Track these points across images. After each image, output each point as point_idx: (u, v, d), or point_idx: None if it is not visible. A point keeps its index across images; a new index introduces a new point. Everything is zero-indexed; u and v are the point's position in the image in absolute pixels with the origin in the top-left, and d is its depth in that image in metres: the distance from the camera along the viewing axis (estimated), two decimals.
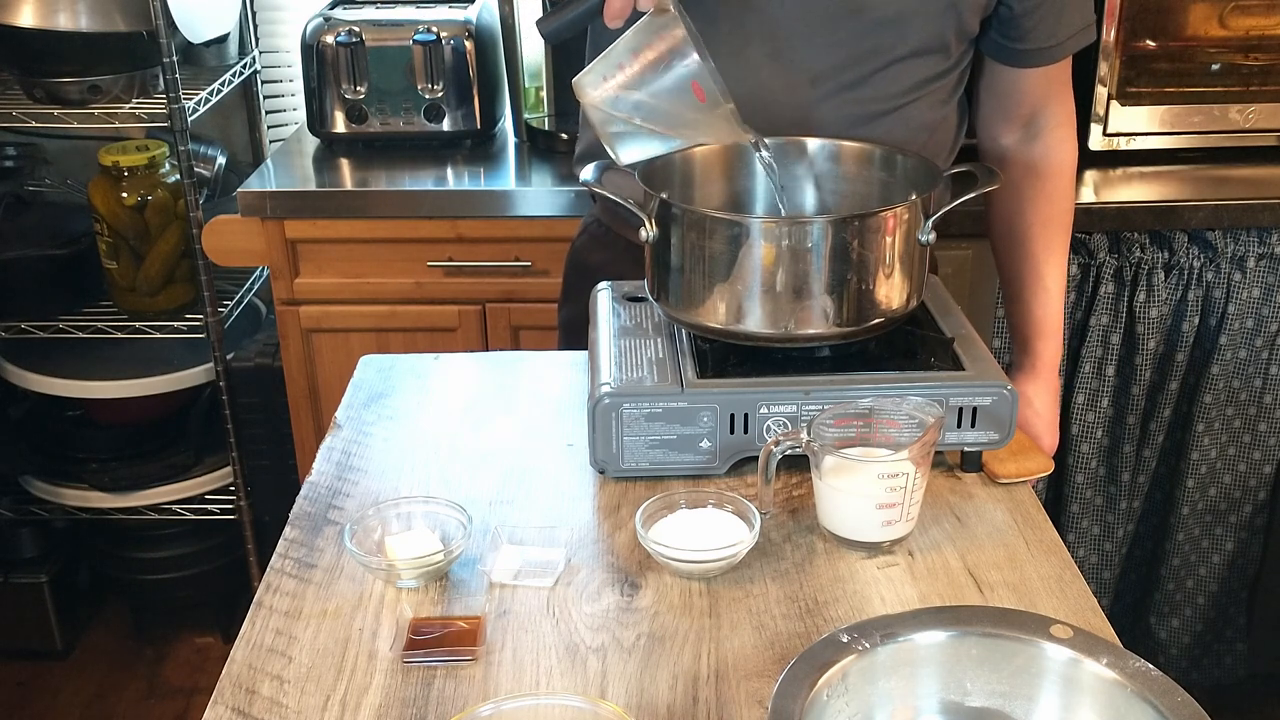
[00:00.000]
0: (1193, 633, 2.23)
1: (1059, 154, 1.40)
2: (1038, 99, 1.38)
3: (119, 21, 2.10)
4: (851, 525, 1.03)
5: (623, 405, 1.09)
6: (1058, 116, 1.40)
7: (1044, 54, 1.34)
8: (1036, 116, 1.39)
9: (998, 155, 1.43)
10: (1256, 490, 2.13)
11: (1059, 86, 1.39)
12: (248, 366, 2.23)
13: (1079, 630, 0.77)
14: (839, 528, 1.04)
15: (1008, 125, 1.41)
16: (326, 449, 1.20)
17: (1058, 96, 1.39)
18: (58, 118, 2.15)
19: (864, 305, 1.12)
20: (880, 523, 1.02)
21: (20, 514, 2.42)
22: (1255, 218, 1.96)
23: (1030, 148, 1.40)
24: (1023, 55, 1.34)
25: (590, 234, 1.53)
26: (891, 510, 1.02)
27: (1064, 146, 1.41)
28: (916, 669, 0.78)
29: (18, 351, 2.32)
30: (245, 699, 0.88)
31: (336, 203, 2.04)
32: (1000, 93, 1.39)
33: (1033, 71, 1.35)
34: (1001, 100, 1.40)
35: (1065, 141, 1.41)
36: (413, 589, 0.99)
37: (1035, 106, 1.39)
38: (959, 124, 1.40)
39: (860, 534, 1.03)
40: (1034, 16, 1.30)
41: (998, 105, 1.41)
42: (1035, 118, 1.40)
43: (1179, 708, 0.71)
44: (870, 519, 1.02)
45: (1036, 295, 1.42)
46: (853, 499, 1.02)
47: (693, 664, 0.91)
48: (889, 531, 1.03)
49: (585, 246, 1.54)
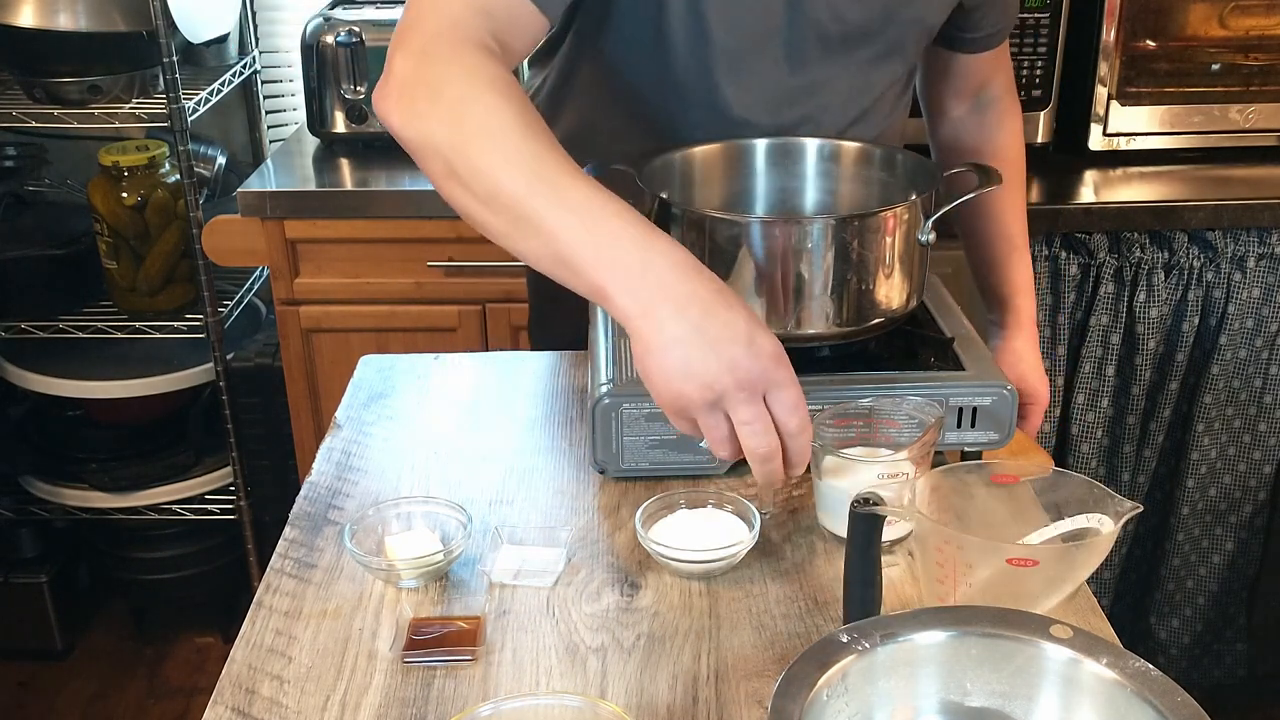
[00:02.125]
0: (1193, 633, 2.23)
1: (1011, 119, 1.49)
2: (986, 73, 1.46)
3: (119, 21, 2.10)
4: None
5: (623, 405, 1.09)
6: (1004, 84, 1.48)
7: (995, 38, 1.41)
8: (985, 88, 1.47)
9: (950, 129, 1.50)
10: (1256, 490, 2.13)
11: (1003, 58, 1.47)
12: (248, 366, 2.23)
13: (1079, 630, 0.77)
14: (839, 527, 1.04)
15: (958, 100, 1.48)
16: (326, 449, 1.20)
17: (1002, 66, 1.47)
18: (58, 118, 2.15)
19: (864, 305, 1.12)
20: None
21: (20, 514, 2.42)
22: (1255, 218, 1.96)
23: (983, 117, 1.48)
24: (975, 42, 1.41)
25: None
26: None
27: (1014, 110, 1.49)
28: (916, 669, 0.78)
29: (18, 351, 2.32)
30: (245, 699, 0.88)
31: (336, 203, 2.03)
32: (950, 75, 1.46)
33: (981, 54, 1.43)
34: (952, 80, 1.46)
35: (1013, 105, 1.49)
36: (413, 589, 0.99)
37: (984, 80, 1.47)
38: (905, 117, 1.45)
39: None
40: (984, 9, 1.36)
41: (948, 85, 1.47)
42: (984, 89, 1.47)
43: (1179, 708, 0.71)
44: None
45: (1009, 256, 1.47)
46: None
47: (692, 664, 0.91)
48: (888, 532, 1.03)
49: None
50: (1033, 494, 0.94)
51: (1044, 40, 2.02)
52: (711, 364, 0.90)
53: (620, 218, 0.94)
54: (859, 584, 0.89)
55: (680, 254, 0.94)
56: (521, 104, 0.99)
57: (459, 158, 0.98)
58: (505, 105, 0.98)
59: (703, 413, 0.93)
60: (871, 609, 0.89)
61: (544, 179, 0.95)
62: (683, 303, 0.91)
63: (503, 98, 0.98)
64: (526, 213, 0.95)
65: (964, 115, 1.49)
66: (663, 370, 0.92)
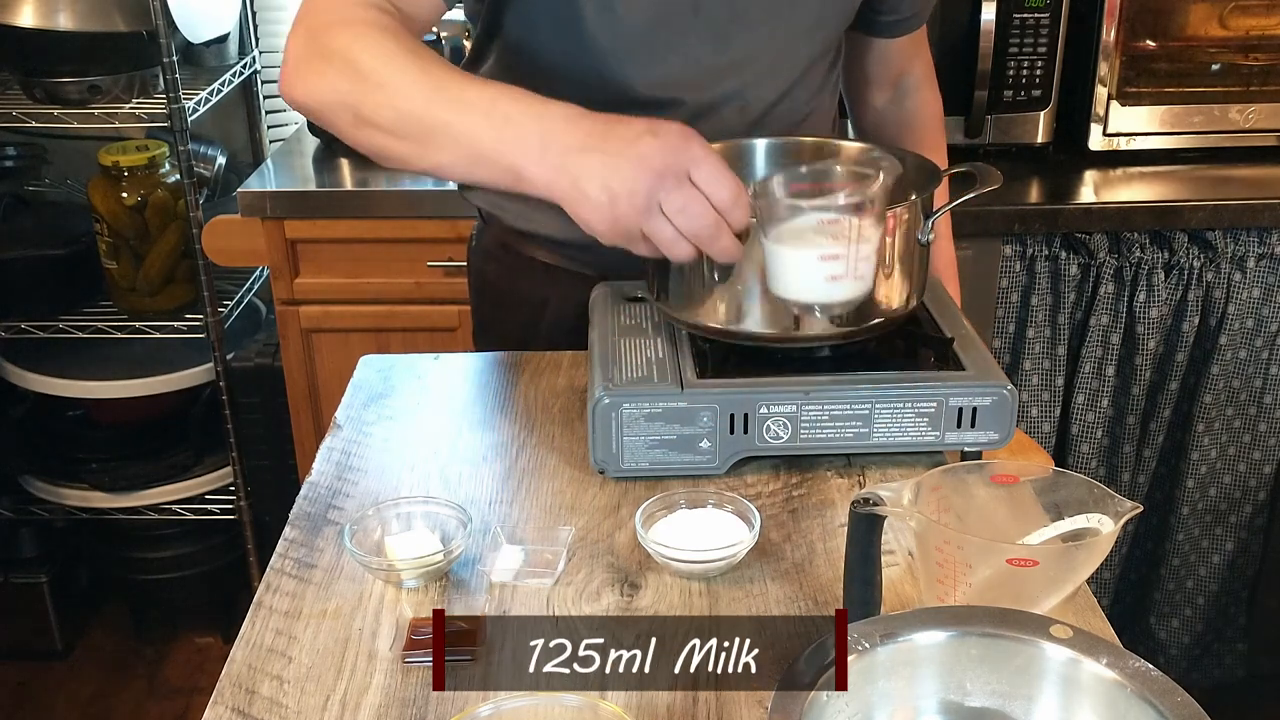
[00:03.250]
0: (1193, 633, 2.23)
1: (932, 105, 1.51)
2: (905, 61, 1.47)
3: (119, 21, 2.10)
4: (797, 285, 1.04)
5: (623, 405, 1.09)
6: (923, 73, 1.50)
7: (913, 20, 1.42)
8: (905, 76, 1.49)
9: (872, 118, 1.51)
10: (1256, 490, 2.13)
11: (920, 44, 1.48)
12: (248, 366, 2.23)
13: (1079, 630, 0.77)
14: (785, 289, 1.04)
15: (879, 89, 1.50)
16: (326, 449, 1.20)
17: (920, 54, 1.49)
18: (58, 118, 2.15)
19: (864, 305, 1.12)
20: (825, 277, 1.03)
21: (20, 514, 2.43)
22: (1255, 218, 1.96)
23: (904, 104, 1.50)
24: (893, 26, 1.42)
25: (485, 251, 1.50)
26: (836, 263, 1.02)
27: (933, 97, 1.52)
28: (916, 669, 0.78)
29: (18, 351, 2.32)
30: (245, 699, 0.88)
31: (336, 203, 2.04)
32: (870, 61, 1.47)
33: (900, 38, 1.44)
34: (872, 68, 1.48)
35: (933, 93, 1.52)
36: (413, 589, 0.99)
37: (903, 67, 1.48)
38: (835, 100, 1.46)
39: (807, 294, 1.04)
40: None
41: (867, 73, 1.48)
42: (904, 77, 1.49)
43: (1179, 708, 0.71)
44: (814, 273, 1.02)
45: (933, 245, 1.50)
46: (797, 253, 1.02)
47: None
48: (836, 289, 1.02)
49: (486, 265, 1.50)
50: (1033, 494, 0.94)
51: (1044, 40, 2.02)
52: (626, 171, 0.94)
53: (515, 100, 1.00)
54: (859, 584, 0.89)
55: (572, 109, 0.99)
56: (408, 37, 1.05)
57: (359, 99, 1.03)
58: (390, 40, 1.04)
59: (645, 223, 0.96)
60: (871, 609, 0.89)
61: (440, 89, 1.01)
62: (582, 142, 0.96)
63: (388, 34, 1.04)
64: (432, 124, 1.01)
65: (886, 105, 1.51)
66: (594, 208, 0.96)
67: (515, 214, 1.39)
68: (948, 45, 2.01)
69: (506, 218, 1.40)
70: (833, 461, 1.15)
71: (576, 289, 1.37)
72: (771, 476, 1.14)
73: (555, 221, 1.36)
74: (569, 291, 1.39)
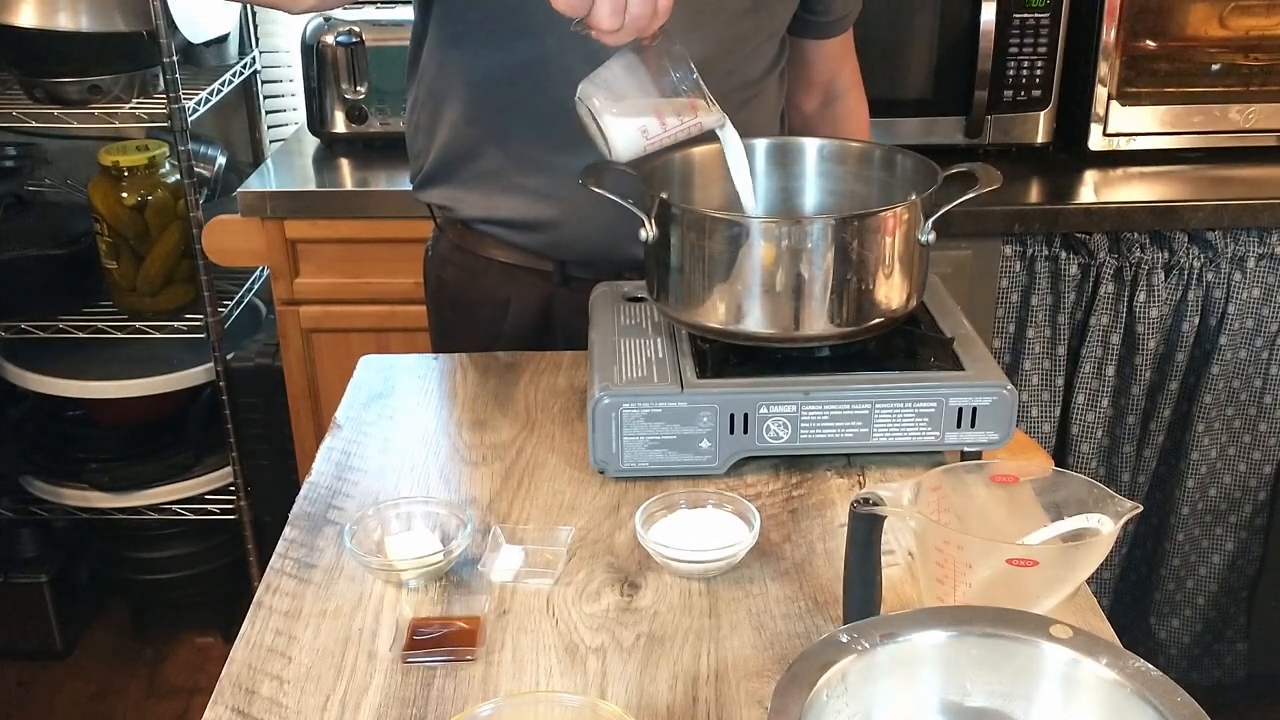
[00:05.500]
0: (1193, 633, 2.23)
1: (860, 111, 1.57)
2: (834, 65, 1.51)
3: (119, 21, 2.10)
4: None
5: (623, 405, 1.09)
6: (851, 78, 1.56)
7: (842, 22, 1.48)
8: (834, 81, 1.53)
9: (802, 123, 1.55)
10: (1256, 490, 2.13)
11: (848, 49, 1.52)
12: (248, 366, 2.23)
13: (1079, 630, 0.77)
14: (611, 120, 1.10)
15: (809, 94, 1.55)
16: (326, 449, 1.20)
17: (849, 60, 1.53)
18: (58, 118, 2.15)
19: (864, 305, 1.12)
20: (639, 130, 1.11)
21: (20, 514, 2.42)
22: (1255, 218, 1.96)
23: (833, 110, 1.56)
24: (824, 27, 1.46)
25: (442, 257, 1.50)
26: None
27: (861, 104, 1.58)
28: (916, 669, 0.78)
29: (18, 351, 2.32)
30: (245, 699, 0.88)
31: (336, 203, 2.04)
32: (801, 65, 1.50)
33: (829, 41, 1.48)
34: (803, 72, 1.51)
35: (860, 99, 1.58)
36: (413, 589, 0.99)
37: (833, 72, 1.52)
38: (781, 95, 1.48)
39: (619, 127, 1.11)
40: None
41: (798, 77, 1.51)
42: (833, 82, 1.53)
43: (1179, 708, 0.71)
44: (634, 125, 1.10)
45: None
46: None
47: (692, 664, 0.91)
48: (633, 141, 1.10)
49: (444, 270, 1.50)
50: (1033, 494, 0.94)
51: (1044, 40, 2.02)
52: None
53: None
54: (859, 584, 0.89)
55: None
56: None
57: None
58: None
59: None
60: (871, 609, 0.89)
61: None
62: None
63: None
64: None
65: (815, 111, 1.56)
66: None
67: (473, 203, 1.40)
68: (948, 45, 2.01)
69: (464, 209, 1.42)
70: (833, 461, 1.15)
71: (536, 288, 1.41)
72: (771, 476, 1.14)
73: (514, 201, 1.37)
74: (528, 291, 1.42)
